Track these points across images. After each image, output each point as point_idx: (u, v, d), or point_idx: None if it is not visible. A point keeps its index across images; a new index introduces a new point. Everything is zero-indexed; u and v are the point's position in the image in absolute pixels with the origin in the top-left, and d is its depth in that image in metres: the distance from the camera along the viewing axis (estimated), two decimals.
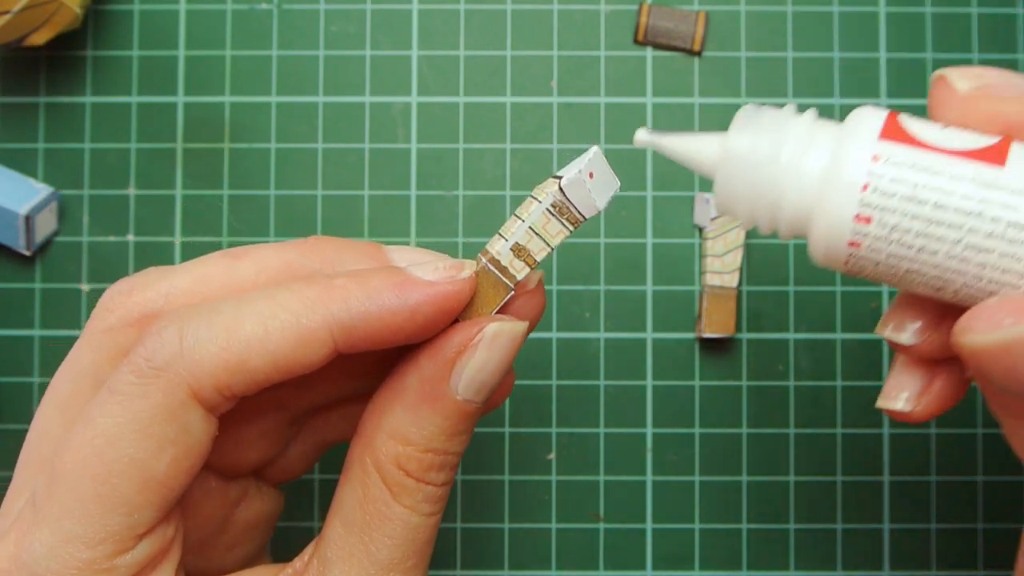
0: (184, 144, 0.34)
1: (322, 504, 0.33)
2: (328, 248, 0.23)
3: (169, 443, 0.20)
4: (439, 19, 0.34)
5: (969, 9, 0.34)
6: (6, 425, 0.33)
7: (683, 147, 0.20)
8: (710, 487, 0.33)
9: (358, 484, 0.22)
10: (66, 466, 0.20)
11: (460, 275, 0.21)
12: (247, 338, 0.20)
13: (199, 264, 0.23)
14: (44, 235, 0.33)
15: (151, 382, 0.20)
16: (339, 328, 0.20)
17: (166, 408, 0.20)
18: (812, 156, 0.19)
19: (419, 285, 0.21)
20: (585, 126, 0.33)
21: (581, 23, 0.34)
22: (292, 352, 0.20)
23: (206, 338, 0.20)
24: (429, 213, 0.33)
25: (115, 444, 0.19)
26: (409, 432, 0.21)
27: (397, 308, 0.20)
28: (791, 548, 0.33)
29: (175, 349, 0.20)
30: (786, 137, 0.19)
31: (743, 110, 0.20)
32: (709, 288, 0.32)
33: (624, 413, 0.33)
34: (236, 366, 0.20)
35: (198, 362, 0.20)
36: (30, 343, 0.33)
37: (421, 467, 0.21)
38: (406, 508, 0.21)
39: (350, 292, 0.20)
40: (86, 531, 0.19)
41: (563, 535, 0.33)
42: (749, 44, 0.34)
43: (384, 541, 0.21)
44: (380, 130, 0.34)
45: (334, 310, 0.20)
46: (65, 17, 0.31)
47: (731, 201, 0.20)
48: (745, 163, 0.19)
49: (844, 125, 0.19)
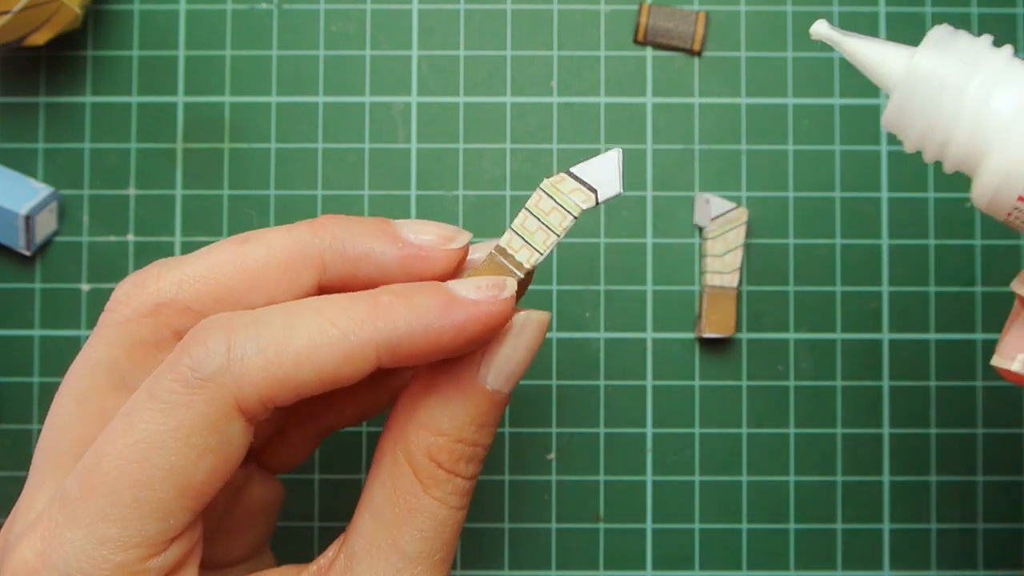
0: (184, 144, 0.34)
1: (322, 504, 0.33)
2: (336, 225, 0.23)
3: (209, 452, 0.20)
4: (439, 19, 0.34)
5: (969, 9, 0.34)
6: (6, 425, 0.33)
7: (867, 53, 0.19)
8: (710, 487, 0.33)
9: (388, 478, 0.22)
10: (104, 469, 0.20)
11: (503, 295, 0.21)
12: (295, 352, 0.20)
13: (209, 252, 0.23)
14: (44, 235, 0.33)
15: (196, 393, 0.20)
16: (385, 345, 0.20)
17: (209, 418, 0.20)
18: (1003, 95, 0.18)
19: (464, 305, 0.21)
20: (585, 126, 0.33)
21: (581, 23, 0.34)
22: (338, 367, 0.20)
23: (254, 351, 0.20)
24: (429, 213, 0.33)
25: (157, 451, 0.19)
26: (441, 422, 0.22)
27: (442, 328, 0.21)
28: (791, 548, 0.33)
29: (222, 361, 0.20)
30: (979, 68, 0.18)
31: (936, 29, 0.20)
32: (709, 288, 0.32)
33: (624, 413, 0.33)
34: (282, 380, 0.20)
35: (244, 375, 0.20)
36: (30, 343, 0.33)
37: (452, 457, 0.22)
38: (435, 500, 0.22)
39: (397, 311, 0.20)
40: (121, 535, 0.19)
41: (563, 535, 0.33)
42: (749, 44, 0.34)
43: (413, 534, 0.22)
44: (380, 130, 0.34)
45: (381, 327, 0.20)
46: (65, 17, 0.31)
47: (904, 121, 0.19)
48: (929, 85, 0.19)
49: None
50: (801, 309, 0.33)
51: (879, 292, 0.33)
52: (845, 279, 0.33)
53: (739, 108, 0.33)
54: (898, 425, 0.33)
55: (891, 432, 0.33)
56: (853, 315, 0.33)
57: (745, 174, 0.33)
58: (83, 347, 0.22)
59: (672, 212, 0.33)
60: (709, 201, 0.32)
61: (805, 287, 0.33)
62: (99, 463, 0.20)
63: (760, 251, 0.33)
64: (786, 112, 0.33)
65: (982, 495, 0.33)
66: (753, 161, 0.33)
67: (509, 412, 0.33)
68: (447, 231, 0.23)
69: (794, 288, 0.33)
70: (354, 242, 0.23)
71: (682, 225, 0.33)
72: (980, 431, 0.33)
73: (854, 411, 0.33)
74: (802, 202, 0.33)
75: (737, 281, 0.32)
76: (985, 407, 0.33)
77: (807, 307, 0.33)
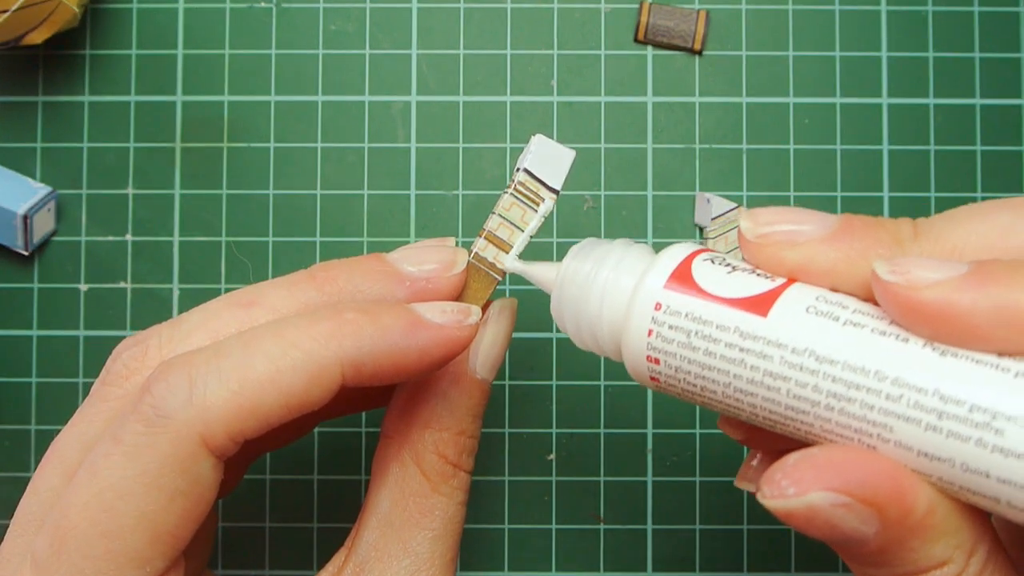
0: (183, 143, 0.33)
1: (321, 505, 0.33)
2: (339, 277, 0.23)
3: (180, 495, 0.19)
4: (439, 17, 0.34)
5: (971, 8, 0.33)
6: (4, 426, 0.33)
7: (536, 272, 0.23)
8: (710, 488, 0.33)
9: (396, 483, 0.23)
10: (72, 522, 0.19)
11: (467, 320, 0.21)
12: (259, 380, 0.19)
13: (210, 317, 0.22)
14: (42, 235, 0.33)
15: (160, 433, 0.19)
16: (349, 364, 0.20)
17: (176, 459, 0.19)
18: (623, 280, 0.21)
19: (429, 328, 0.21)
20: (585, 125, 0.33)
21: (581, 22, 0.34)
22: (304, 391, 0.20)
23: (216, 383, 0.19)
24: (429, 213, 0.33)
25: (124, 499, 0.19)
26: (443, 417, 0.23)
27: (407, 349, 0.20)
28: (792, 549, 0.33)
29: (184, 396, 0.19)
30: (605, 263, 0.21)
31: (583, 242, 0.22)
32: None
33: (624, 413, 0.33)
34: (249, 411, 0.19)
35: (209, 408, 0.19)
36: (28, 343, 0.33)
37: (456, 450, 0.23)
38: (444, 496, 0.23)
39: (362, 329, 0.20)
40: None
41: (563, 535, 0.33)
42: (750, 43, 0.33)
43: (425, 535, 0.22)
44: (380, 129, 0.33)
45: (346, 346, 0.20)
46: (63, 15, 0.31)
47: (561, 315, 0.22)
48: (573, 283, 0.21)
49: (652, 262, 0.20)
50: None
51: None
52: None
53: (740, 107, 0.33)
54: None
55: None
56: None
57: (746, 173, 0.33)
58: (76, 415, 0.22)
59: (673, 212, 0.33)
60: (710, 200, 0.32)
61: None
62: (67, 516, 0.19)
63: None
64: (787, 111, 0.33)
65: None
66: (754, 160, 0.33)
67: (509, 412, 0.33)
68: (446, 256, 0.23)
69: None
70: (362, 291, 0.22)
71: (683, 225, 0.33)
72: None
73: None
74: (803, 201, 0.33)
75: None
76: None
77: None
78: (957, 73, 0.33)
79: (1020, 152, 0.33)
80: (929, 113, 0.33)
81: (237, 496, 0.33)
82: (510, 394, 0.33)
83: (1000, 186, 0.33)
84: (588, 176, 0.33)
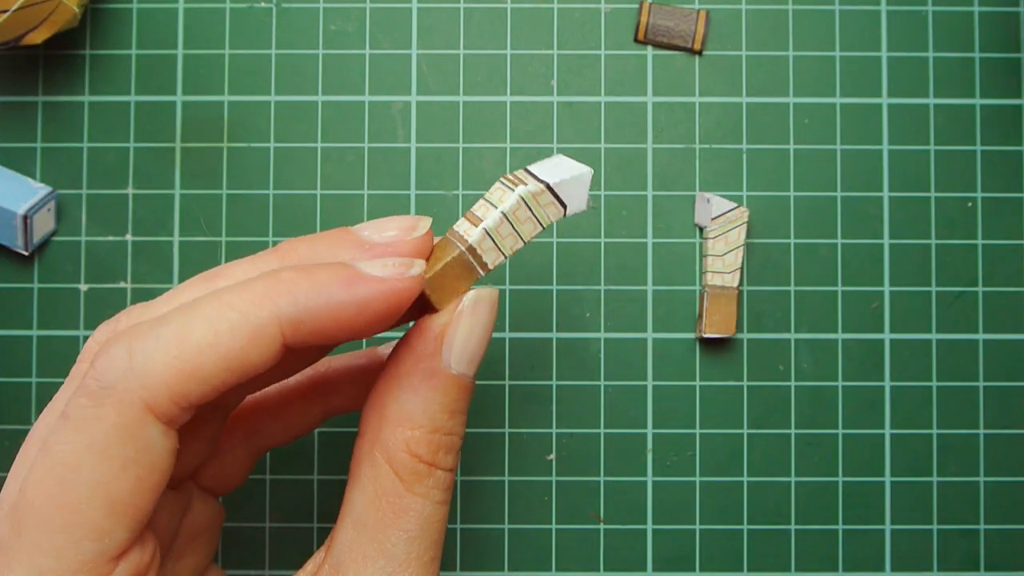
0: (183, 143, 0.33)
1: (321, 505, 0.33)
2: (301, 247, 0.23)
3: (131, 463, 0.19)
4: (439, 17, 0.34)
5: (971, 8, 0.33)
6: (4, 426, 0.33)
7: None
8: (711, 488, 0.33)
9: (368, 482, 0.22)
10: (29, 500, 0.19)
11: (409, 272, 0.21)
12: (197, 343, 0.19)
13: (178, 293, 0.22)
14: (42, 235, 0.33)
15: (104, 404, 0.19)
16: (287, 323, 0.20)
17: (123, 427, 0.19)
18: None
19: (367, 281, 0.20)
20: (585, 125, 0.33)
21: (581, 21, 0.34)
22: (243, 352, 0.20)
23: (154, 349, 0.19)
24: (429, 212, 0.33)
25: (76, 471, 0.19)
26: (414, 414, 0.22)
27: (345, 303, 0.20)
28: (792, 549, 0.33)
29: (124, 365, 0.19)
30: None
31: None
32: (710, 288, 0.32)
33: (624, 413, 0.33)
34: (189, 374, 0.19)
35: (149, 375, 0.19)
36: (28, 343, 0.33)
37: (431, 449, 0.22)
38: (419, 497, 0.22)
39: (298, 286, 0.20)
40: (59, 564, 0.19)
41: (563, 536, 0.33)
42: (750, 43, 0.33)
43: (400, 536, 0.21)
44: (380, 129, 0.33)
45: (282, 304, 0.20)
46: (63, 16, 0.31)
47: None
48: None
49: None
50: (802, 309, 0.33)
51: (880, 292, 0.33)
52: (846, 279, 0.33)
53: (740, 107, 0.33)
54: (899, 426, 0.33)
55: (892, 433, 0.33)
56: (854, 315, 0.33)
57: (746, 173, 0.33)
58: (55, 399, 0.22)
59: (673, 212, 0.33)
60: (710, 200, 0.32)
61: (806, 287, 0.33)
62: (24, 495, 0.19)
63: (761, 251, 0.33)
64: (787, 111, 0.33)
65: (984, 496, 0.33)
66: (754, 160, 0.33)
67: (509, 412, 0.33)
68: (407, 222, 0.23)
69: (795, 288, 0.33)
70: (323, 258, 0.22)
71: (683, 225, 0.33)
72: (982, 432, 0.33)
73: (855, 412, 0.33)
74: (803, 201, 0.33)
75: (738, 281, 0.32)
76: (987, 408, 0.33)
77: (808, 307, 0.33)
78: (957, 73, 0.33)
79: (1020, 152, 0.33)
80: (929, 113, 0.33)
81: (237, 496, 0.33)
82: (510, 394, 0.33)
83: (1000, 186, 0.33)
84: None
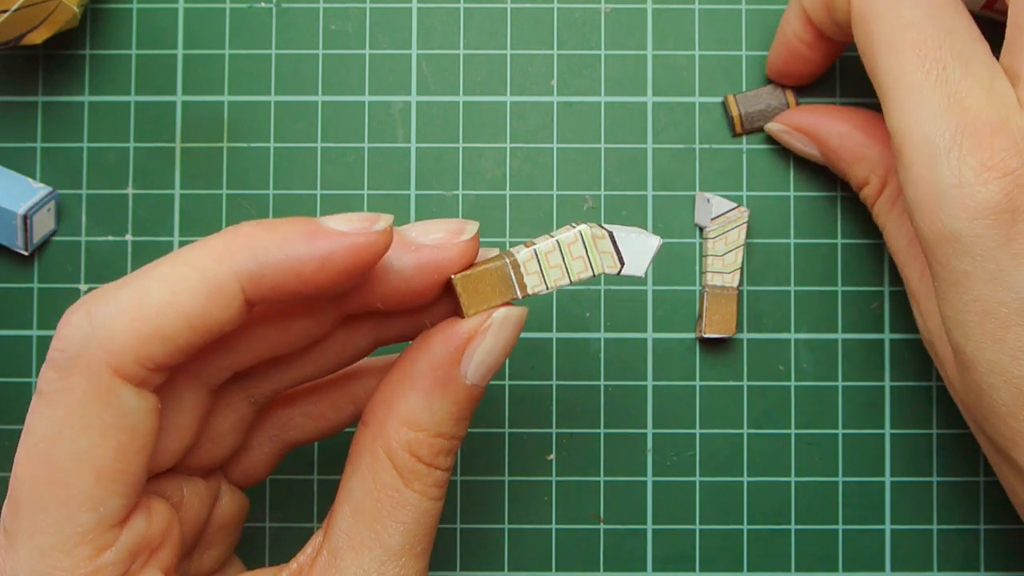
0: (183, 143, 0.33)
1: (321, 504, 0.33)
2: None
3: (110, 428, 0.19)
4: (439, 17, 0.34)
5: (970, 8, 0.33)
6: (4, 426, 0.33)
7: None
8: (710, 488, 0.33)
9: (368, 473, 0.22)
10: (19, 482, 0.19)
11: (374, 227, 0.21)
12: (156, 303, 0.19)
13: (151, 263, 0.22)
14: (42, 235, 0.33)
15: (71, 374, 0.19)
16: (247, 278, 0.20)
17: (94, 394, 0.19)
18: None
19: (330, 235, 0.20)
20: (585, 125, 0.33)
21: (581, 21, 0.34)
22: (204, 309, 0.19)
23: (114, 313, 0.19)
24: (429, 213, 0.33)
25: (57, 444, 0.19)
26: (421, 418, 0.22)
27: (306, 257, 0.20)
28: (792, 549, 0.33)
29: (86, 332, 0.19)
30: None
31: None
32: (710, 288, 0.32)
33: (624, 413, 0.33)
34: (151, 334, 0.19)
35: (111, 339, 0.19)
36: (28, 343, 0.33)
37: (431, 452, 0.22)
38: (416, 493, 0.22)
39: (257, 240, 0.20)
40: (58, 539, 0.19)
41: (563, 536, 0.33)
42: (749, 43, 0.33)
43: (396, 527, 0.22)
44: (379, 129, 0.33)
45: (241, 260, 0.20)
46: (63, 15, 0.31)
47: None
48: None
49: None
50: (802, 309, 0.33)
51: (881, 292, 0.33)
52: (846, 279, 0.33)
53: None
54: (900, 426, 0.33)
55: (892, 433, 0.33)
56: (854, 315, 0.33)
57: (746, 173, 0.33)
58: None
59: (673, 212, 0.33)
60: (710, 200, 0.32)
61: (806, 287, 0.33)
62: (15, 476, 0.19)
63: (761, 251, 0.33)
64: None
65: (984, 496, 0.33)
66: (754, 160, 0.33)
67: (509, 412, 0.33)
68: (454, 225, 0.23)
69: (795, 288, 0.33)
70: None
71: (683, 225, 0.33)
72: None
73: (855, 412, 0.33)
74: (803, 201, 0.33)
75: (738, 281, 0.32)
76: None
77: (808, 307, 0.33)
78: None
79: None
80: None
81: None
82: (510, 394, 0.33)
83: None
84: (588, 176, 0.33)
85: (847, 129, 0.30)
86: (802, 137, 0.31)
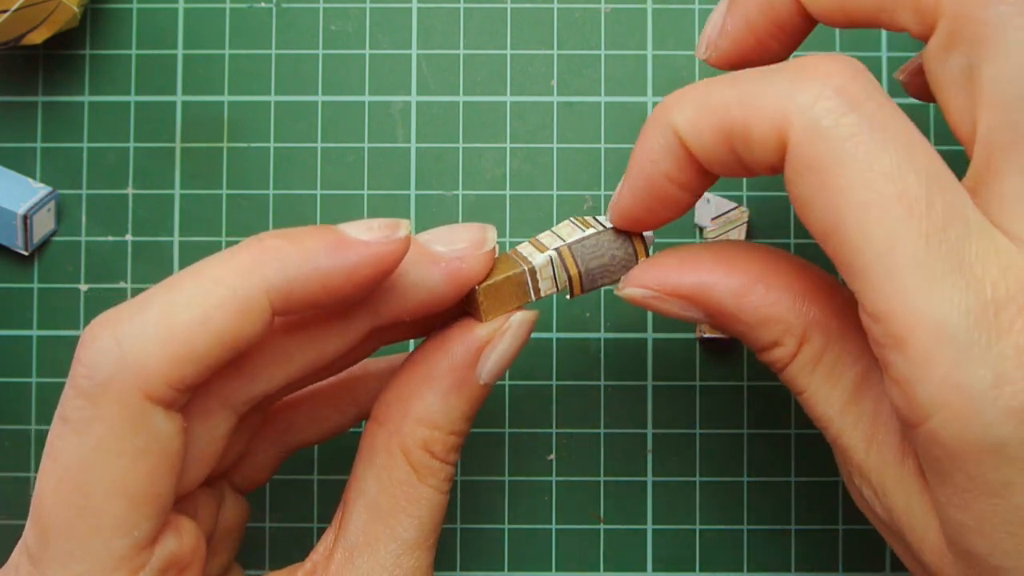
0: (183, 143, 0.33)
1: (321, 504, 0.33)
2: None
3: (142, 453, 0.19)
4: (439, 17, 0.34)
5: None
6: (4, 426, 0.33)
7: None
8: (711, 488, 0.33)
9: (383, 470, 0.23)
10: (48, 511, 0.19)
11: (396, 234, 0.21)
12: (186, 323, 0.19)
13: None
14: (42, 235, 0.33)
15: (101, 402, 0.19)
16: (276, 292, 0.20)
17: (125, 421, 0.19)
18: None
19: (355, 246, 0.20)
20: (585, 125, 0.33)
21: (581, 21, 0.34)
22: (235, 326, 0.19)
23: (143, 335, 0.19)
24: (429, 213, 0.33)
25: (89, 472, 0.19)
26: (438, 417, 0.23)
27: (333, 269, 0.20)
28: (792, 549, 0.33)
29: (115, 358, 0.19)
30: None
31: None
32: None
33: (624, 413, 0.33)
34: (184, 356, 0.19)
35: (143, 364, 0.19)
36: (28, 343, 0.33)
37: (445, 448, 0.23)
38: (430, 487, 0.23)
39: (283, 253, 0.20)
40: (94, 566, 0.19)
41: (563, 536, 0.33)
42: None
43: (410, 521, 0.22)
44: (379, 129, 0.33)
45: (270, 275, 0.20)
46: (63, 15, 0.31)
47: None
48: None
49: None
50: None
51: None
52: None
53: None
54: None
55: None
56: None
57: None
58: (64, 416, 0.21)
59: None
60: (710, 200, 0.32)
61: None
62: (42, 505, 0.19)
63: None
64: None
65: None
66: None
67: (509, 412, 0.33)
68: (476, 235, 0.23)
69: None
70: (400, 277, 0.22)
71: (682, 225, 0.33)
72: None
73: None
74: None
75: None
76: None
77: None
78: None
79: None
80: (929, 113, 0.33)
81: None
82: (510, 394, 0.33)
83: None
84: (588, 176, 0.33)
85: (744, 283, 0.21)
86: (679, 302, 0.22)
